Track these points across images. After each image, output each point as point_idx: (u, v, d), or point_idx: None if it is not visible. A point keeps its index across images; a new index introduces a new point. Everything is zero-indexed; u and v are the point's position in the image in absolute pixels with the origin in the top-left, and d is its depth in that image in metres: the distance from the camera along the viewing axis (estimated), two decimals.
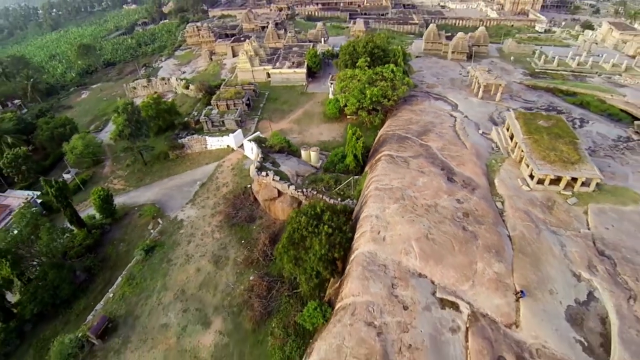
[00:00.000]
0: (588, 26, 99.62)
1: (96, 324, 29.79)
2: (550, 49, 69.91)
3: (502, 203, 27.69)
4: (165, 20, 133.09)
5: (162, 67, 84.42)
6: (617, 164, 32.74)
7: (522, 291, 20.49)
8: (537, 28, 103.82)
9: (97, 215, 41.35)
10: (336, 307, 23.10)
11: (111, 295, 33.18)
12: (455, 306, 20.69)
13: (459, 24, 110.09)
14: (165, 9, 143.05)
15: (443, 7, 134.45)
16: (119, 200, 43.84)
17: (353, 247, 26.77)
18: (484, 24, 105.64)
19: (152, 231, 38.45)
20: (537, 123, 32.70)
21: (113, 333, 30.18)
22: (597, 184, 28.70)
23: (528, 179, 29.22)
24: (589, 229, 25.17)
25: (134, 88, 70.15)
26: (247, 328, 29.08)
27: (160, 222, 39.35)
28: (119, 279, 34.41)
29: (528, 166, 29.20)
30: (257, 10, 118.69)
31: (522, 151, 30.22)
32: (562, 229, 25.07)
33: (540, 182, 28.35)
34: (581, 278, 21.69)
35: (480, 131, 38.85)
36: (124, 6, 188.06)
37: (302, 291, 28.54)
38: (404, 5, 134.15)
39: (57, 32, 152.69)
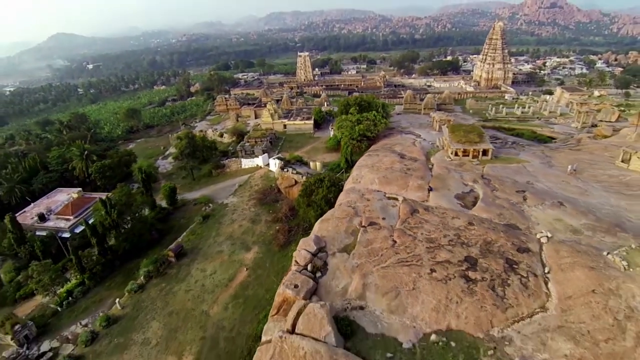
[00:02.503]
0: (548, 92, 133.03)
1: (174, 247, 49.37)
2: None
3: (432, 166, 49.72)
4: (192, 97, 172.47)
5: (197, 126, 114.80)
6: (516, 150, 55.44)
7: (430, 187, 41.39)
8: (506, 97, 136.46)
9: (164, 204, 63.12)
10: None
11: (179, 240, 53.04)
12: (395, 199, 41.26)
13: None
14: (193, 89, 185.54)
15: (429, 85, 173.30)
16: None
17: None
18: (462, 96, 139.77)
19: (206, 209, 59.76)
20: (459, 127, 56.60)
21: (184, 257, 49.38)
22: (495, 156, 51.02)
23: (450, 155, 51.71)
24: (481, 171, 46.70)
25: (177, 138, 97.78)
26: (275, 250, 48.44)
27: (211, 205, 60.89)
28: (184, 233, 54.63)
29: (450, 148, 52.01)
30: (271, 89, 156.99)
31: (447, 141, 53.42)
32: (464, 171, 46.59)
33: (456, 154, 50.80)
34: (468, 185, 42.54)
35: (430, 143, 62.72)
36: (154, 86, 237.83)
37: (312, 221, 48.65)
38: (395, 85, 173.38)
39: (96, 104, 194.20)
